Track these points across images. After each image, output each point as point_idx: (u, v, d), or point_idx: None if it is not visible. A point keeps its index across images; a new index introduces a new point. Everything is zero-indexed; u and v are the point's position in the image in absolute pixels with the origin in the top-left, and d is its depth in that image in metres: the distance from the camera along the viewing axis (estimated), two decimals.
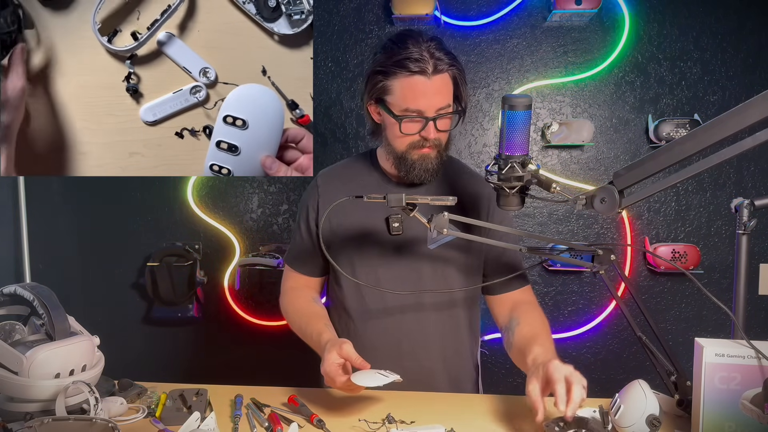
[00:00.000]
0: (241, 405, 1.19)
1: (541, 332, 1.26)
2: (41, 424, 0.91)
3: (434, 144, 1.26)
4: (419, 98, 1.21)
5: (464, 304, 1.39)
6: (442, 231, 1.11)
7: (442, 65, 1.21)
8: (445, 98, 1.23)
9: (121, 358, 1.48)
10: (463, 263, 1.36)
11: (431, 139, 1.24)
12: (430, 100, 1.21)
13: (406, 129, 1.24)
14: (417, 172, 1.28)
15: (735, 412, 0.98)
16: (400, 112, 1.23)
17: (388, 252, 1.34)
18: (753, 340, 1.00)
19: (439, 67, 1.21)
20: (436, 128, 1.24)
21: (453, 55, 1.24)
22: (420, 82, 1.20)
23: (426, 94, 1.21)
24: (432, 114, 1.23)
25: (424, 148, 1.26)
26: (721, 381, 0.99)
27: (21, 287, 1.11)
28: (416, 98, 1.21)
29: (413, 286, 1.32)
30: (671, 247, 2.21)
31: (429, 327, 1.35)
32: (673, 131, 2.15)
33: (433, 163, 1.28)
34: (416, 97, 1.21)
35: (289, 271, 1.47)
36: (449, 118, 1.26)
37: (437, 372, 1.36)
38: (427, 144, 1.25)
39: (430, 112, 1.22)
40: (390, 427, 1.08)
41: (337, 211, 1.19)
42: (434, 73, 1.20)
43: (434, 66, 1.20)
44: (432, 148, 1.27)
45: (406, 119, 1.23)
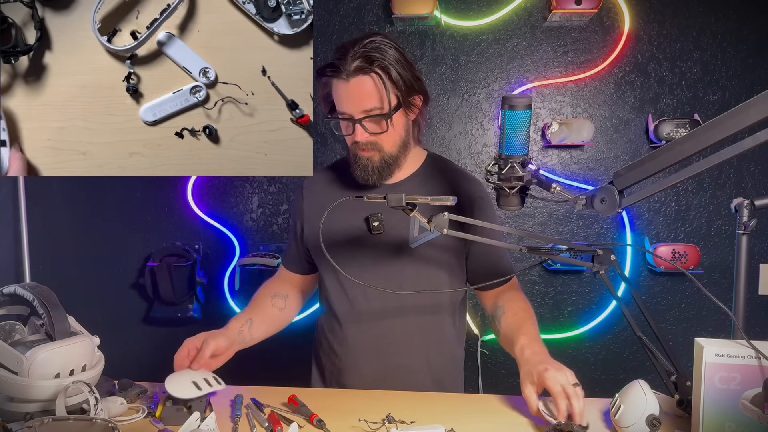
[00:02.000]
0: (241, 405, 1.19)
1: (525, 320, 1.28)
2: (41, 424, 0.91)
3: (370, 147, 1.27)
4: (343, 101, 1.24)
5: (449, 304, 1.40)
6: (442, 231, 1.11)
7: (365, 66, 1.20)
8: (369, 101, 1.22)
9: (121, 358, 1.48)
10: (446, 262, 1.36)
11: (361, 141, 1.26)
12: (352, 103, 1.23)
13: (340, 130, 1.28)
14: (359, 172, 1.31)
15: (735, 412, 0.98)
16: (337, 114, 1.27)
17: (372, 253, 1.35)
18: (753, 340, 1.00)
19: (361, 68, 1.20)
20: (365, 130, 1.24)
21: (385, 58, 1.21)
22: (341, 85, 1.23)
23: (347, 96, 1.23)
24: (358, 116, 1.24)
25: (362, 150, 1.28)
26: (721, 381, 0.99)
27: (21, 287, 1.11)
28: (341, 100, 1.24)
29: (397, 286, 1.32)
30: (671, 247, 2.21)
31: (412, 328, 1.35)
32: (673, 131, 2.15)
33: (375, 166, 1.29)
34: (341, 100, 1.24)
35: (283, 269, 1.53)
36: (376, 120, 1.25)
37: (421, 373, 1.37)
38: (361, 146, 1.27)
39: (356, 114, 1.24)
40: (390, 427, 1.08)
41: (320, 214, 1.20)
42: (353, 75, 1.21)
43: (354, 68, 1.20)
44: (370, 151, 1.28)
45: (335, 121, 1.27)
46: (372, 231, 1.33)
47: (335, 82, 1.23)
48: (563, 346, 2.37)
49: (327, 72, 1.23)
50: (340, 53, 1.23)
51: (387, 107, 1.23)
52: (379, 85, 1.22)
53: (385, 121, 1.24)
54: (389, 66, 1.21)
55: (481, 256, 1.37)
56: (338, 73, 1.21)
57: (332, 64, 1.22)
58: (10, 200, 2.46)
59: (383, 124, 1.25)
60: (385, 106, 1.23)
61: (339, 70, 1.21)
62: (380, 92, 1.22)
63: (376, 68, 1.21)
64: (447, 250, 1.35)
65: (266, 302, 1.44)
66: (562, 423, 1.04)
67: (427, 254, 1.34)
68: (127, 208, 2.51)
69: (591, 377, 2.36)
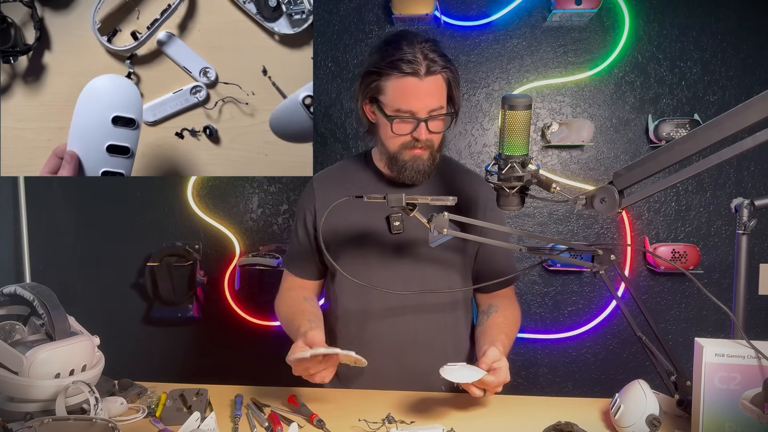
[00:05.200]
0: (241, 405, 1.19)
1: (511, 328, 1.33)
2: (41, 424, 0.91)
3: (426, 145, 1.27)
4: (411, 99, 1.22)
5: (463, 304, 1.40)
6: (442, 231, 1.11)
7: (435, 67, 1.22)
8: (437, 100, 1.24)
9: (121, 358, 1.48)
10: (460, 263, 1.37)
11: (423, 140, 1.25)
12: (422, 102, 1.22)
13: (397, 129, 1.25)
14: (408, 172, 1.30)
15: (735, 412, 0.98)
16: (392, 113, 1.24)
17: (388, 253, 1.34)
18: (753, 340, 1.00)
19: (432, 69, 1.21)
20: (428, 129, 1.24)
21: (447, 57, 1.25)
22: (412, 84, 1.21)
23: (418, 95, 1.22)
24: (424, 115, 1.23)
25: (416, 149, 1.27)
26: (721, 381, 0.99)
27: (21, 287, 1.11)
28: (408, 99, 1.22)
29: (415, 286, 1.32)
30: (671, 247, 2.21)
31: (430, 327, 1.36)
32: (673, 131, 2.15)
33: (425, 165, 1.29)
34: (408, 99, 1.22)
35: (287, 274, 1.48)
36: (441, 120, 1.26)
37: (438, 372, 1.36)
38: (419, 145, 1.26)
39: (422, 113, 1.23)
40: (390, 427, 1.08)
41: (335, 213, 1.20)
42: (426, 75, 1.21)
43: (427, 68, 1.21)
44: (424, 150, 1.28)
45: (397, 120, 1.24)
46: (392, 231, 1.33)
47: (403, 80, 1.21)
48: (563, 346, 2.37)
49: (404, 69, 1.20)
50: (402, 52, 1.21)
51: (451, 107, 1.27)
52: (449, 85, 1.25)
53: (451, 120, 1.28)
54: (452, 66, 1.25)
55: (488, 256, 1.38)
56: (415, 71, 1.20)
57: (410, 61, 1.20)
58: (10, 200, 2.46)
59: (444, 123, 1.27)
60: (448, 107, 1.26)
61: (414, 68, 1.20)
62: (447, 92, 1.25)
63: (446, 68, 1.23)
64: (463, 252, 1.37)
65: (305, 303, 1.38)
66: (562, 423, 1.05)
67: (444, 255, 1.35)
68: (127, 208, 2.51)
69: (591, 377, 2.36)
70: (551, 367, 2.39)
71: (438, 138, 1.29)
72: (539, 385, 2.39)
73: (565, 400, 1.25)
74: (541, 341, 2.38)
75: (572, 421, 1.06)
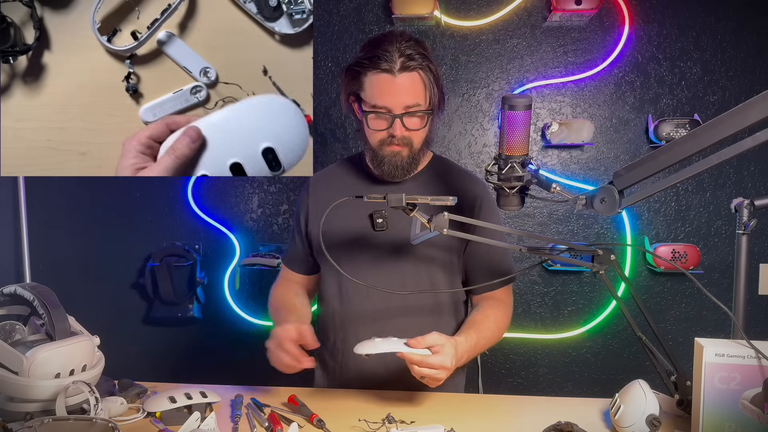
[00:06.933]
0: (241, 405, 1.19)
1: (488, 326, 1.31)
2: (41, 424, 0.90)
3: (403, 142, 1.28)
4: (385, 95, 1.24)
5: (450, 303, 1.40)
6: (442, 231, 1.11)
7: (411, 63, 1.22)
8: (412, 97, 1.24)
9: (121, 358, 1.48)
10: (448, 262, 1.37)
11: (398, 136, 1.26)
12: (396, 98, 1.24)
13: (373, 125, 1.27)
14: (387, 167, 1.31)
15: (735, 412, 0.98)
16: (369, 108, 1.26)
17: (374, 252, 1.35)
18: (753, 340, 1.00)
19: (407, 65, 1.22)
20: (403, 126, 1.25)
21: (427, 56, 1.25)
22: (386, 80, 1.23)
23: (391, 91, 1.23)
24: (399, 111, 1.25)
25: (393, 146, 1.29)
26: (721, 381, 0.99)
27: (21, 287, 1.11)
28: (382, 95, 1.24)
29: (399, 285, 1.33)
30: (671, 247, 2.21)
31: (414, 328, 1.35)
32: (673, 131, 2.15)
33: (404, 161, 1.30)
34: (382, 94, 1.24)
35: (285, 270, 1.53)
36: (419, 117, 1.27)
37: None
38: (395, 141, 1.28)
39: (397, 109, 1.24)
40: (390, 427, 1.08)
41: (322, 212, 1.22)
42: (401, 71, 1.22)
43: (401, 64, 1.22)
44: (401, 146, 1.29)
45: (372, 115, 1.26)
46: (376, 228, 1.34)
47: (378, 76, 1.23)
48: (563, 346, 2.37)
49: (379, 65, 1.22)
50: (380, 49, 1.23)
51: (429, 104, 1.26)
52: (425, 82, 1.25)
53: (427, 117, 1.27)
54: (431, 64, 1.25)
55: (482, 255, 1.37)
56: (389, 68, 1.22)
57: (385, 58, 1.22)
58: (10, 200, 2.47)
59: (421, 120, 1.27)
60: (426, 103, 1.26)
61: (389, 65, 1.22)
62: (424, 89, 1.25)
63: (424, 66, 1.23)
64: (448, 250, 1.36)
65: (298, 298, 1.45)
66: (562, 423, 1.05)
67: (428, 253, 1.35)
68: (127, 208, 2.51)
69: (591, 377, 2.36)
70: (551, 367, 2.39)
71: (417, 135, 1.29)
72: (539, 385, 2.39)
73: (565, 400, 1.25)
74: (541, 341, 2.39)
75: (572, 421, 1.06)
